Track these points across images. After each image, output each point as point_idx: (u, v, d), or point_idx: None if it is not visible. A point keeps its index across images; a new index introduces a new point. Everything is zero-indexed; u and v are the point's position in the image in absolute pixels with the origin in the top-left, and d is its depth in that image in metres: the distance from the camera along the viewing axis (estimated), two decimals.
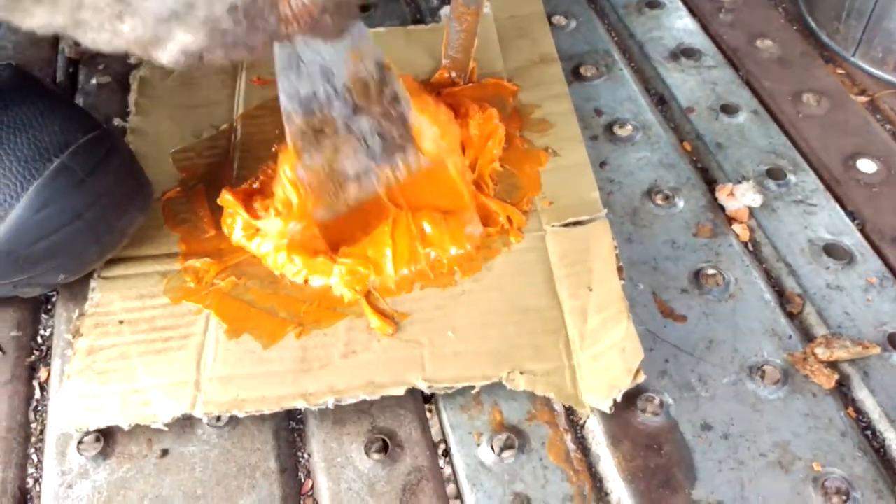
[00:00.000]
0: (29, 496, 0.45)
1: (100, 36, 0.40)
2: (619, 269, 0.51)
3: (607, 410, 0.45)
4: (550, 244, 0.53)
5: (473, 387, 0.47)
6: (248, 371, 0.48)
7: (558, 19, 0.74)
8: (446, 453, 0.47)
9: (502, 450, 0.45)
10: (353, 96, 0.49)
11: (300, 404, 0.46)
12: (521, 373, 0.47)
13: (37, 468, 0.46)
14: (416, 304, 0.51)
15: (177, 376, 0.47)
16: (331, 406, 0.46)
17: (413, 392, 0.48)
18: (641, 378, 0.45)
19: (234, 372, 0.48)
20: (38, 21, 0.39)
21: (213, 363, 0.48)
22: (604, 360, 0.47)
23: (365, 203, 0.52)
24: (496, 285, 0.52)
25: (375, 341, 0.49)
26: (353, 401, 0.46)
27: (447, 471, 0.46)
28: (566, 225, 0.55)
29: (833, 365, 0.49)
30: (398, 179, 0.53)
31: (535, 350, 0.48)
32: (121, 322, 0.50)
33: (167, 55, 0.41)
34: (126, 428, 0.45)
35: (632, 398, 0.47)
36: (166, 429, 0.46)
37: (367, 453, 0.46)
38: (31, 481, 0.46)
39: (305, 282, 0.52)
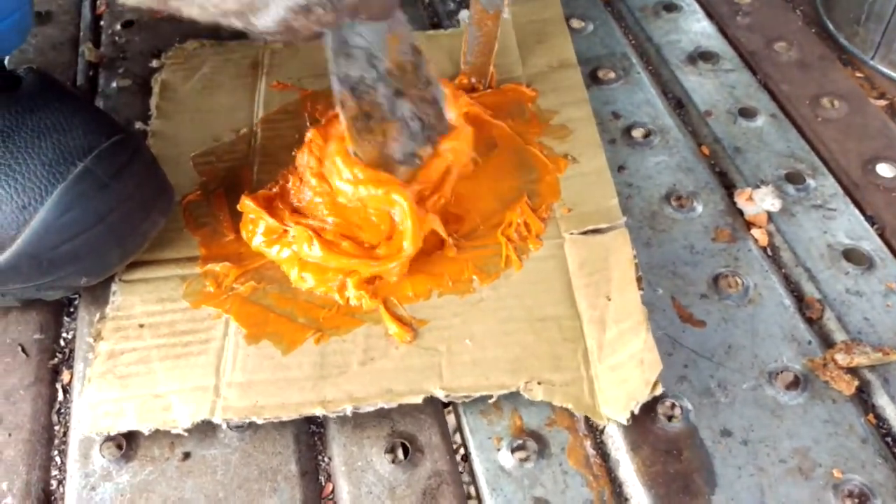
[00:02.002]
0: (53, 498, 0.46)
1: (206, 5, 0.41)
2: (639, 280, 0.51)
3: (625, 422, 0.45)
4: (569, 252, 0.54)
5: (491, 395, 0.47)
6: (267, 377, 0.48)
7: (575, 23, 0.74)
8: (465, 458, 0.47)
9: (521, 454, 0.46)
10: (395, 80, 0.50)
11: (319, 412, 0.46)
12: (539, 383, 0.47)
13: (60, 470, 0.47)
14: (434, 311, 0.51)
15: (196, 381, 0.48)
16: (349, 414, 0.47)
17: (432, 397, 0.48)
18: (659, 390, 0.45)
19: (253, 378, 0.48)
20: None
21: (233, 369, 0.48)
22: (622, 371, 0.47)
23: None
24: (514, 293, 0.52)
25: (394, 348, 0.49)
26: (371, 409, 0.47)
27: (466, 475, 0.46)
28: (585, 233, 0.55)
29: (853, 371, 0.49)
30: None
31: (553, 360, 0.48)
32: (141, 326, 0.51)
33: (264, 22, 0.42)
34: (146, 433, 0.46)
35: (651, 404, 0.47)
36: (186, 434, 0.46)
37: (387, 457, 0.46)
38: (54, 483, 0.46)
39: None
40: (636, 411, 0.45)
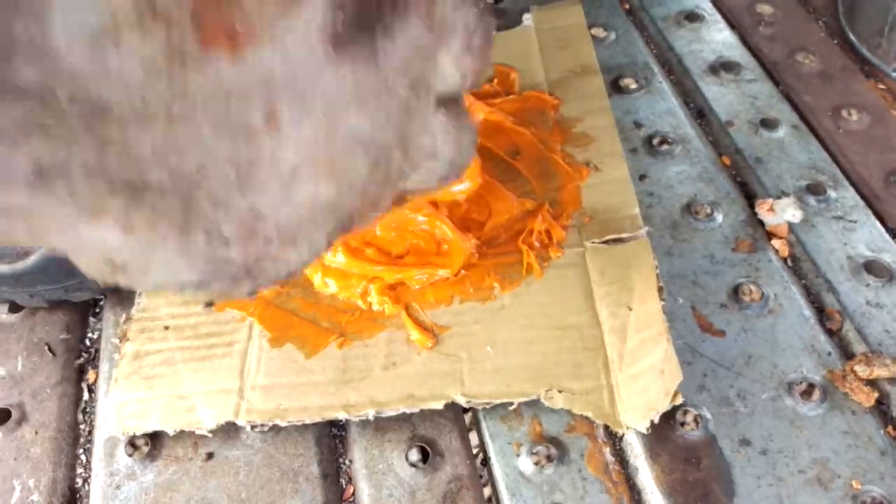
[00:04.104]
0: (78, 495, 0.47)
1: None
2: (660, 290, 0.51)
3: (644, 431, 0.46)
4: (590, 261, 0.54)
5: (511, 402, 0.48)
6: (291, 380, 0.49)
7: (597, 31, 0.74)
8: (485, 463, 0.47)
9: (541, 459, 0.46)
10: None
11: (341, 415, 0.47)
12: (560, 391, 0.47)
13: (85, 468, 0.48)
14: (456, 317, 0.52)
15: (221, 383, 0.48)
16: (371, 418, 0.47)
17: (453, 403, 0.49)
18: (679, 400, 0.46)
19: (276, 381, 0.48)
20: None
21: (257, 372, 0.49)
22: (642, 381, 0.47)
23: None
24: (536, 301, 0.52)
25: (415, 354, 0.50)
26: (393, 413, 0.47)
27: (486, 480, 0.47)
28: (606, 242, 0.55)
29: (873, 383, 0.49)
30: None
31: (573, 368, 0.49)
32: (166, 328, 0.51)
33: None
34: (171, 433, 0.47)
35: (671, 412, 0.47)
36: (210, 435, 0.47)
37: (407, 461, 0.46)
38: (79, 481, 0.47)
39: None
40: (656, 421, 0.45)
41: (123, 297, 0.54)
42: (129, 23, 0.23)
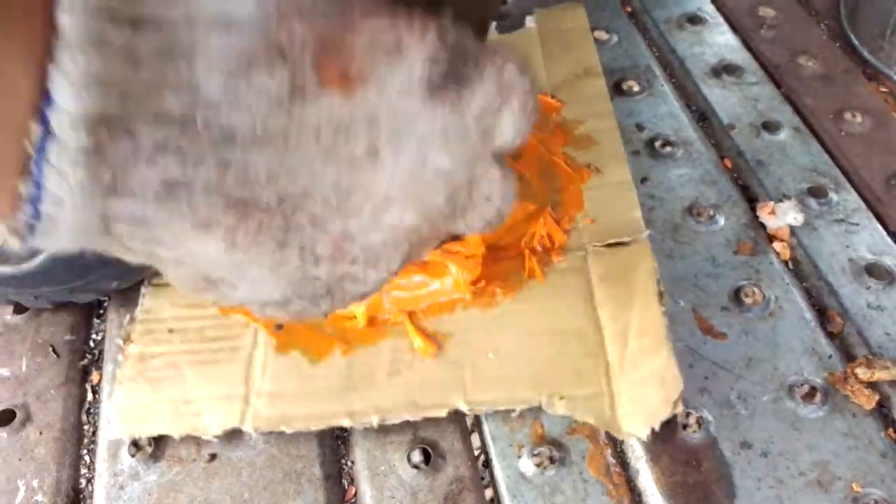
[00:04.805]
0: (82, 496, 0.47)
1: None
2: (661, 295, 0.51)
3: (645, 438, 0.45)
4: (592, 264, 0.54)
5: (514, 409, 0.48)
6: (296, 386, 0.49)
7: (600, 34, 0.74)
8: (487, 464, 0.48)
9: (542, 461, 0.46)
10: None
11: (346, 422, 0.47)
12: (561, 398, 0.48)
13: (89, 469, 0.48)
14: (458, 325, 0.52)
15: (226, 389, 0.49)
16: (375, 425, 0.47)
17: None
18: (680, 409, 0.45)
19: (282, 387, 0.49)
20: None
21: (262, 378, 0.49)
22: (643, 388, 0.47)
23: None
24: (537, 306, 0.52)
25: (419, 361, 0.50)
26: (396, 421, 0.47)
27: (487, 481, 0.47)
28: (608, 245, 0.55)
29: (873, 385, 0.49)
30: None
31: (574, 374, 0.49)
32: (170, 331, 0.51)
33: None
34: (177, 438, 0.47)
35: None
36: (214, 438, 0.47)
37: (409, 462, 0.47)
38: (83, 481, 0.47)
39: None
40: (657, 428, 0.45)
41: (128, 298, 0.54)
42: (259, 63, 0.27)
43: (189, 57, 0.26)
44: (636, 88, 0.69)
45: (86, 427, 0.50)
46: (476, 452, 0.48)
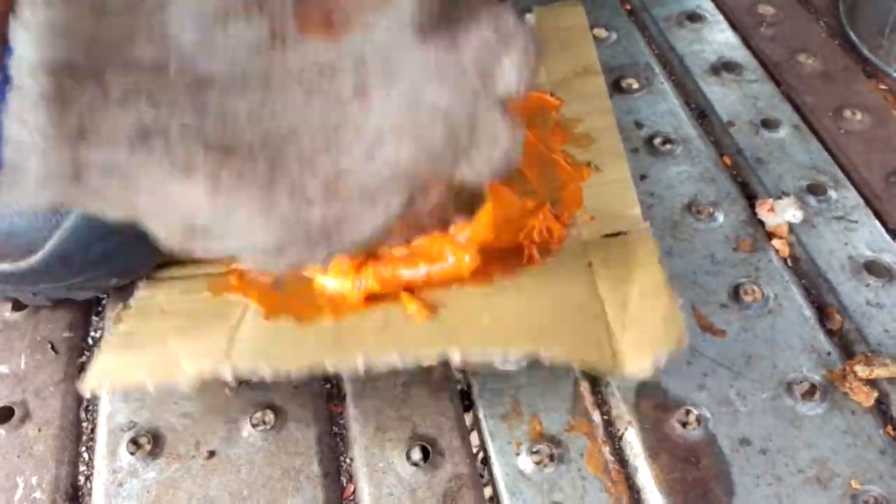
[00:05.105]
0: (80, 493, 0.47)
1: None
2: (661, 262, 0.50)
3: (649, 375, 0.44)
4: (592, 251, 0.53)
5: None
6: (280, 340, 0.48)
7: (599, 32, 0.74)
8: (485, 462, 0.48)
9: (540, 459, 0.46)
10: None
11: (329, 364, 0.45)
12: (559, 346, 0.46)
13: (88, 466, 0.48)
14: (454, 298, 0.50)
15: (209, 346, 0.48)
16: (361, 371, 0.45)
17: (453, 400, 0.49)
18: (685, 342, 0.44)
19: (265, 342, 0.48)
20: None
21: (246, 338, 0.48)
22: (645, 328, 0.46)
23: None
24: (535, 282, 0.51)
25: (411, 322, 0.49)
26: (383, 369, 0.45)
27: (486, 479, 0.47)
28: (607, 236, 0.55)
29: (872, 382, 0.49)
30: None
31: (573, 329, 0.47)
32: (162, 311, 0.51)
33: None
34: (152, 390, 0.46)
35: (670, 411, 0.48)
36: (212, 433, 0.47)
37: (408, 460, 0.47)
38: (82, 478, 0.47)
39: None
40: (661, 365, 0.44)
41: (126, 295, 0.54)
42: (236, 12, 0.27)
43: (161, 10, 0.26)
44: (635, 86, 0.69)
45: (84, 424, 0.50)
46: (475, 450, 0.48)
